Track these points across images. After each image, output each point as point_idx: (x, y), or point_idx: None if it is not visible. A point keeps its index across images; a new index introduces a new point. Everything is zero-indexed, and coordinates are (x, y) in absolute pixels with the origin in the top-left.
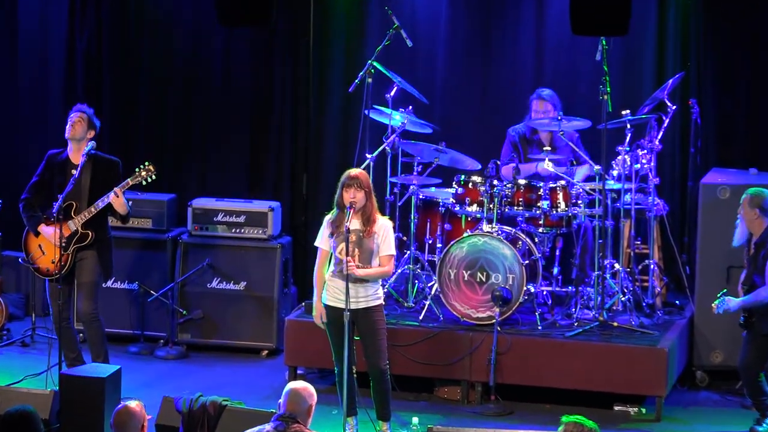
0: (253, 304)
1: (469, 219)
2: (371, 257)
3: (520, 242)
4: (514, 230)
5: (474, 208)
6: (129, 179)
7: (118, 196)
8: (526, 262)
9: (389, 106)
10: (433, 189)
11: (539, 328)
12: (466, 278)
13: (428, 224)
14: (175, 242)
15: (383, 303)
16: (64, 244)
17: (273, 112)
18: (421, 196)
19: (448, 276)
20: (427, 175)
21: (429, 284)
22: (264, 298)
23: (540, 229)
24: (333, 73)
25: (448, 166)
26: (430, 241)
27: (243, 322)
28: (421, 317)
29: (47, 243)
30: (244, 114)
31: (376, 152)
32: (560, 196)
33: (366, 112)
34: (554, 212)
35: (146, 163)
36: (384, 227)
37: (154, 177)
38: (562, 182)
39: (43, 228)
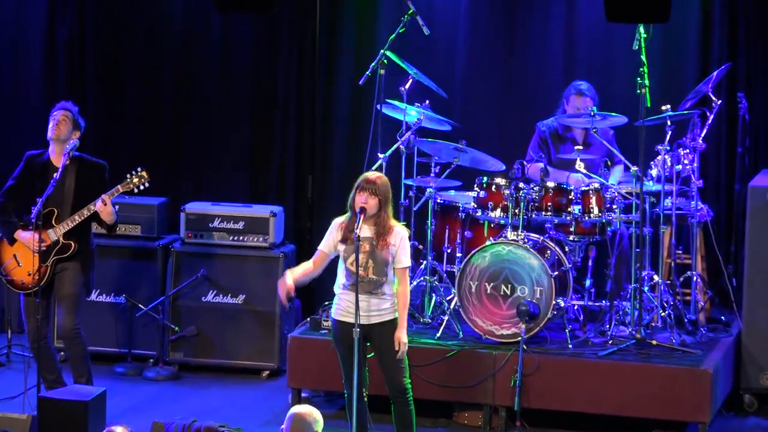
0: (252, 320)
1: (492, 225)
2: (386, 269)
3: (548, 251)
4: (542, 238)
5: (497, 213)
6: (119, 186)
7: (106, 204)
8: (556, 273)
9: (404, 101)
10: (452, 192)
11: (570, 346)
12: (488, 291)
13: (447, 231)
14: (167, 251)
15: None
16: (43, 255)
17: (276, 107)
18: (438, 201)
19: (469, 289)
20: (445, 176)
21: (447, 298)
22: (265, 313)
23: (571, 237)
24: (342, 64)
25: (468, 166)
26: (449, 250)
27: (241, 340)
28: (438, 334)
29: (23, 252)
30: (244, 109)
31: (389, 151)
32: (593, 200)
33: (378, 107)
34: (586, 218)
35: (139, 169)
36: (400, 236)
37: (147, 185)
38: (596, 185)
39: (20, 234)
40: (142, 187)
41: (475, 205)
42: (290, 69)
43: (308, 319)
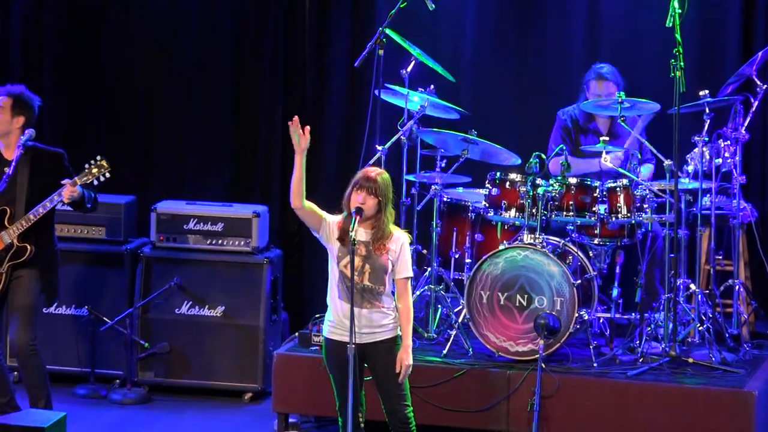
0: (233, 335)
1: (506, 227)
2: (384, 276)
3: (570, 257)
4: (563, 242)
5: (512, 213)
6: (76, 178)
7: (64, 199)
8: (578, 281)
9: (405, 86)
10: (460, 189)
11: (594, 365)
12: (502, 302)
13: (454, 234)
14: (135, 256)
15: (399, 333)
16: None
17: (260, 92)
18: (445, 199)
19: (480, 299)
20: (452, 171)
21: (455, 310)
22: (247, 327)
23: (596, 241)
24: (335, 44)
25: (479, 160)
26: (457, 256)
27: (220, 358)
28: (445, 351)
29: None
30: (225, 94)
31: (389, 143)
32: (621, 198)
33: (376, 92)
34: (614, 219)
35: (98, 158)
36: (401, 242)
37: (107, 175)
38: (624, 181)
39: None
40: (102, 178)
41: (487, 204)
42: (277, 49)
43: (297, 333)
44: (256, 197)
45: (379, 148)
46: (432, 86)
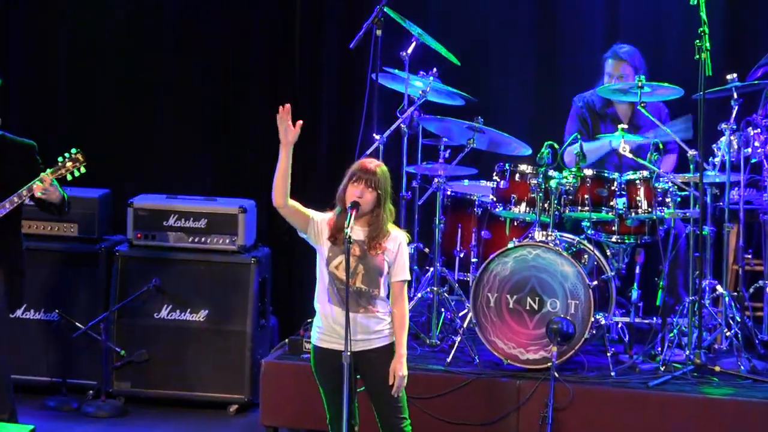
0: (217, 342)
1: (515, 223)
2: (379, 279)
3: (586, 256)
4: (577, 239)
5: (522, 208)
6: (49, 172)
7: (39, 193)
8: (595, 282)
9: (406, 69)
10: (465, 182)
11: (612, 374)
12: (511, 305)
13: (459, 231)
14: (110, 255)
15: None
16: None
17: (248, 75)
18: (449, 192)
19: (487, 302)
20: (457, 163)
21: (460, 314)
22: (233, 333)
23: (614, 238)
24: (329, 22)
25: (486, 150)
26: (462, 255)
27: (204, 367)
28: (448, 359)
29: None
30: (209, 79)
31: (388, 132)
32: (641, 191)
33: (373, 76)
34: (633, 214)
35: (73, 151)
36: (398, 242)
37: (83, 170)
38: (645, 173)
39: None
40: (77, 173)
41: (495, 199)
42: (264, 28)
43: (286, 340)
44: (242, 191)
45: (377, 137)
46: (435, 70)
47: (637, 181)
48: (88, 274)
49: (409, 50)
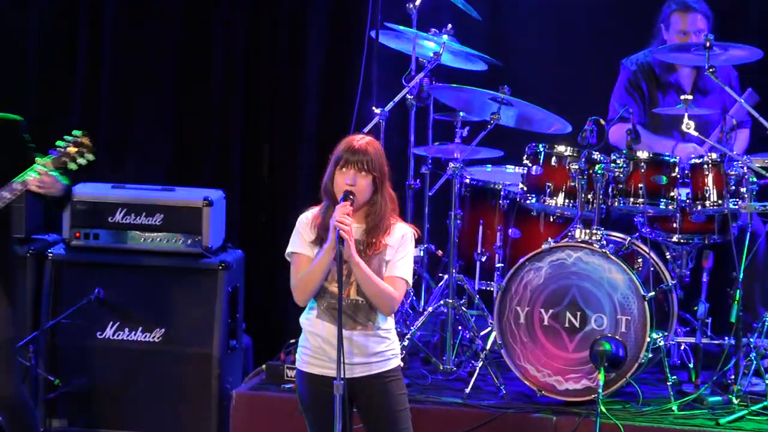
0: (177, 368)
1: (551, 219)
2: None
3: (640, 260)
4: (629, 239)
5: (560, 200)
6: (46, 160)
7: (34, 185)
8: (651, 294)
9: (413, 25)
10: (488, 168)
11: (673, 408)
12: (546, 322)
13: (480, 228)
14: (41, 260)
15: (402, 364)
16: None
17: (215, 37)
18: (468, 180)
19: (516, 319)
20: (478, 143)
21: (482, 333)
22: (196, 356)
23: (675, 238)
24: None
25: (514, 127)
26: (484, 258)
27: (160, 399)
28: (467, 390)
29: None
30: (167, 45)
31: (391, 104)
32: (710, 179)
33: (372, 34)
34: (699, 208)
35: (77, 134)
36: (401, 233)
37: (91, 157)
38: (714, 156)
39: None
40: (84, 161)
41: (525, 188)
42: None
43: (264, 366)
44: (208, 179)
45: (377, 110)
46: (450, 26)
47: (705, 166)
48: (14, 284)
49: (417, 2)
